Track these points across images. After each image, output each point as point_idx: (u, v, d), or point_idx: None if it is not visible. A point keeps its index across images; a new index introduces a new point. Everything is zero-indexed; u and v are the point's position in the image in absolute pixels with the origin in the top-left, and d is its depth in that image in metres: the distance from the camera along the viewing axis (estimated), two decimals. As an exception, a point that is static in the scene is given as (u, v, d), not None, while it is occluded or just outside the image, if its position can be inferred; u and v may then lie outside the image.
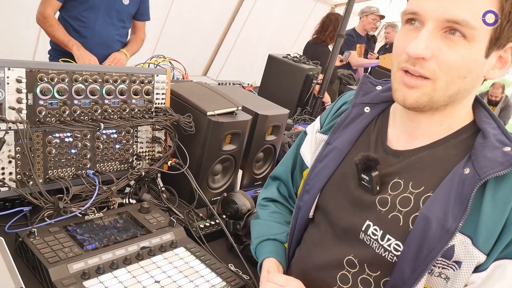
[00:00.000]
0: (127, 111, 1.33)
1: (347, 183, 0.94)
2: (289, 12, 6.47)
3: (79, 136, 1.23)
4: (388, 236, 0.85)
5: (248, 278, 1.14)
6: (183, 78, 2.20)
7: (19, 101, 1.08)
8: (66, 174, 1.22)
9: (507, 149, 0.78)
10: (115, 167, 1.35)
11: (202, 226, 1.31)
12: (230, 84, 3.01)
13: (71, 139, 1.22)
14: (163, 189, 1.45)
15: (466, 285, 0.78)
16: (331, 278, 0.93)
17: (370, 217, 0.88)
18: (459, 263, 0.78)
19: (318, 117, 1.14)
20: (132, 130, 1.37)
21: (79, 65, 1.65)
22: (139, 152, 1.40)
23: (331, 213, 0.96)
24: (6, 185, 1.08)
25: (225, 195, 1.40)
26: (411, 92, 0.80)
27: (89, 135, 1.26)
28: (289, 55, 2.99)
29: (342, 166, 0.97)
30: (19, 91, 1.08)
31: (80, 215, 1.15)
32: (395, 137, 0.93)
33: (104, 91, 1.26)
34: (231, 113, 1.49)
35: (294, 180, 1.16)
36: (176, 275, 1.03)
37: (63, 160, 1.21)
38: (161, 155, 1.45)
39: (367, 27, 4.99)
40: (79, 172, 1.25)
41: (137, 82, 1.34)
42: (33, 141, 1.13)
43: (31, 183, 1.12)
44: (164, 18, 4.95)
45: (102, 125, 1.22)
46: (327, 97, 3.39)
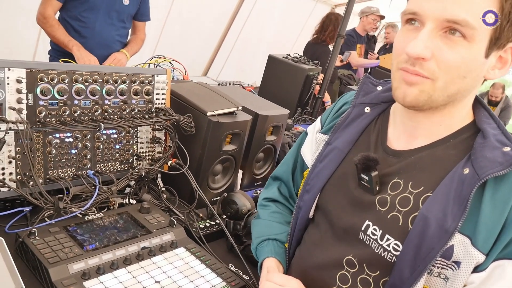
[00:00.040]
0: (127, 111, 1.33)
1: (347, 183, 0.94)
2: (289, 12, 6.47)
3: (79, 136, 1.23)
4: (387, 236, 0.85)
5: (248, 278, 1.14)
6: (183, 79, 2.20)
7: (19, 101, 1.08)
8: (66, 174, 1.22)
9: (507, 149, 0.78)
10: (115, 167, 1.35)
11: (202, 226, 1.31)
12: (230, 84, 3.01)
13: (71, 140, 1.22)
14: (163, 189, 1.45)
15: (465, 285, 0.78)
16: (330, 278, 0.93)
17: (369, 217, 0.88)
18: (458, 263, 0.78)
19: (319, 117, 1.14)
20: (132, 130, 1.37)
21: (79, 65, 1.65)
22: (139, 152, 1.40)
23: (331, 213, 0.96)
24: (6, 185, 1.08)
25: (225, 195, 1.40)
26: (410, 90, 0.80)
27: (89, 136, 1.26)
28: (289, 55, 2.99)
29: (342, 166, 0.97)
30: (19, 91, 1.08)
31: (80, 216, 1.15)
32: (395, 137, 0.93)
33: (104, 92, 1.26)
34: (231, 113, 1.49)
35: (295, 180, 1.17)
36: (176, 275, 1.03)
37: (63, 161, 1.21)
38: (161, 155, 1.45)
39: (367, 27, 4.99)
40: (79, 172, 1.25)
41: (137, 82, 1.34)
42: (33, 141, 1.13)
43: (31, 183, 1.12)
44: (164, 18, 4.95)
45: (102, 125, 1.22)
46: (327, 96, 3.39)
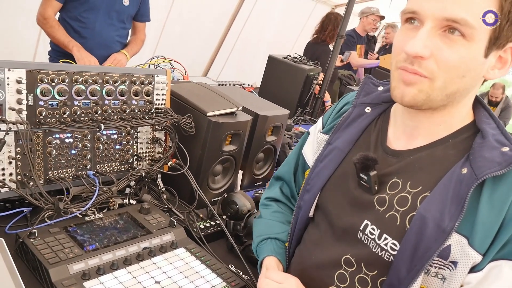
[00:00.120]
0: (127, 111, 1.33)
1: (347, 183, 0.95)
2: (289, 12, 6.48)
3: (79, 136, 1.23)
4: (385, 236, 0.85)
5: (249, 278, 1.14)
6: (183, 79, 2.20)
7: (19, 102, 1.08)
8: (66, 174, 1.22)
9: (506, 149, 0.77)
10: (115, 167, 1.35)
11: (202, 226, 1.31)
12: (230, 84, 3.01)
13: (71, 140, 1.22)
14: (163, 189, 1.45)
15: (462, 286, 0.78)
16: (329, 277, 0.93)
17: (368, 217, 0.89)
18: (455, 263, 0.78)
19: (321, 117, 1.14)
20: (132, 130, 1.37)
21: (79, 66, 1.65)
22: (139, 153, 1.40)
23: (330, 213, 0.96)
24: (6, 186, 1.08)
25: (226, 195, 1.40)
26: (409, 90, 0.80)
27: (89, 136, 1.26)
28: (289, 55, 2.99)
29: (342, 166, 0.97)
30: (19, 92, 1.08)
31: (81, 216, 1.15)
32: (395, 137, 0.93)
33: (104, 92, 1.26)
34: (231, 113, 1.49)
35: (297, 180, 1.17)
36: (176, 276, 1.03)
37: (63, 161, 1.21)
38: (161, 155, 1.45)
39: (367, 27, 4.99)
40: (80, 172, 1.25)
41: (137, 82, 1.34)
42: (33, 142, 1.13)
43: (31, 184, 1.12)
44: (165, 19, 4.95)
45: (102, 125, 1.22)
46: (327, 96, 3.39)
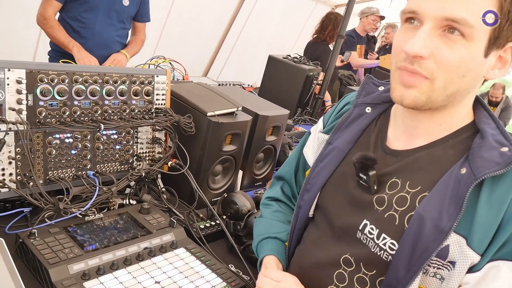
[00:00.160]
0: (127, 111, 1.33)
1: (346, 183, 0.95)
2: (289, 13, 6.48)
3: (79, 137, 1.23)
4: (383, 235, 0.85)
5: (249, 278, 1.14)
6: (183, 79, 2.20)
7: (19, 102, 1.08)
8: (66, 175, 1.22)
9: (505, 149, 0.77)
10: (115, 168, 1.35)
11: (202, 226, 1.31)
12: (230, 85, 3.01)
13: (71, 140, 1.22)
14: (163, 189, 1.45)
15: (460, 286, 0.78)
16: (327, 277, 0.93)
17: (367, 216, 0.89)
18: (453, 263, 0.78)
19: (322, 117, 1.14)
20: (132, 130, 1.37)
21: (79, 66, 1.65)
22: (139, 153, 1.40)
23: (330, 212, 0.96)
24: (6, 186, 1.08)
25: (226, 195, 1.40)
26: (409, 92, 0.80)
27: (89, 136, 1.26)
28: (289, 55, 2.99)
29: (342, 165, 0.97)
30: (19, 92, 1.08)
31: (81, 216, 1.15)
32: (395, 137, 0.93)
33: (104, 92, 1.26)
34: (231, 113, 1.49)
35: (298, 180, 1.17)
36: (176, 276, 1.03)
37: (63, 161, 1.21)
38: (161, 155, 1.45)
39: (367, 28, 4.99)
40: (79, 173, 1.25)
41: (137, 83, 1.34)
42: (33, 142, 1.13)
43: (31, 184, 1.12)
44: (165, 19, 4.95)
45: (102, 126, 1.22)
46: (327, 96, 3.39)
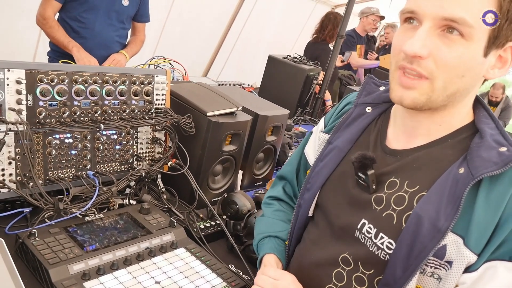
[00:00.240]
0: (127, 112, 1.33)
1: (346, 182, 0.95)
2: (289, 13, 6.48)
3: (79, 137, 1.23)
4: (381, 234, 0.85)
5: (249, 278, 1.14)
6: (183, 79, 2.20)
7: (19, 102, 1.08)
8: (66, 175, 1.22)
9: (503, 149, 0.77)
10: (115, 168, 1.35)
11: (202, 226, 1.31)
12: (230, 85, 3.01)
13: (71, 140, 1.22)
14: (163, 189, 1.45)
15: (457, 286, 0.78)
16: (326, 276, 0.93)
17: (365, 216, 0.89)
18: (450, 263, 0.78)
19: (323, 117, 1.14)
20: (132, 131, 1.37)
21: (79, 66, 1.65)
22: (139, 153, 1.40)
23: (329, 212, 0.96)
24: (6, 186, 1.08)
25: (226, 195, 1.40)
26: (408, 93, 0.80)
27: (89, 136, 1.26)
28: (289, 55, 2.99)
29: (342, 165, 0.97)
30: (19, 92, 1.08)
31: (81, 216, 1.15)
32: (394, 137, 0.93)
33: (104, 92, 1.26)
34: (231, 113, 1.49)
35: (299, 179, 1.17)
36: (176, 276, 1.03)
37: (63, 161, 1.21)
38: (161, 155, 1.45)
39: (367, 27, 4.99)
40: (79, 173, 1.25)
41: (137, 83, 1.34)
42: (33, 142, 1.13)
43: (31, 184, 1.12)
44: (164, 19, 4.95)
45: (102, 126, 1.22)
46: (328, 95, 3.39)
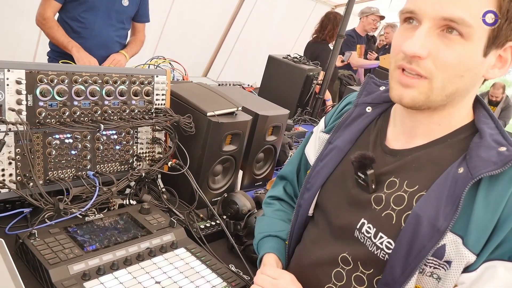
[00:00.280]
0: (127, 112, 1.33)
1: (345, 182, 0.95)
2: (289, 13, 6.48)
3: (79, 137, 1.23)
4: (380, 234, 0.85)
5: (249, 278, 1.14)
6: (183, 79, 2.20)
7: (19, 102, 1.08)
8: (66, 175, 1.22)
9: (502, 149, 0.77)
10: (115, 168, 1.35)
11: (202, 226, 1.31)
12: (230, 85, 3.01)
13: (71, 140, 1.22)
14: (163, 190, 1.45)
15: (456, 285, 0.78)
16: (325, 275, 0.93)
17: (365, 215, 0.89)
18: (449, 263, 0.78)
19: (323, 117, 1.14)
20: (132, 131, 1.37)
21: (78, 66, 1.65)
22: (139, 153, 1.40)
23: (329, 211, 0.96)
24: (6, 186, 1.08)
25: (226, 195, 1.40)
26: (407, 91, 0.80)
27: (89, 136, 1.26)
28: (289, 55, 2.99)
29: (342, 164, 0.97)
30: (19, 92, 1.08)
31: (81, 216, 1.15)
32: (394, 136, 0.93)
33: (104, 92, 1.26)
34: (231, 113, 1.49)
35: (299, 179, 1.17)
36: (176, 276, 1.03)
37: (63, 161, 1.21)
38: (161, 156, 1.45)
39: (367, 27, 4.99)
40: (79, 173, 1.25)
41: (137, 83, 1.34)
42: (33, 142, 1.13)
43: (31, 184, 1.12)
44: (164, 19, 4.96)
45: (102, 126, 1.22)
46: (328, 95, 3.38)
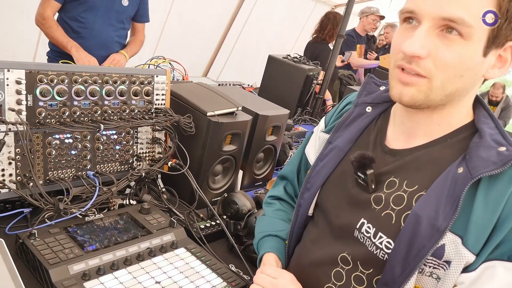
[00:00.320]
0: (127, 112, 1.33)
1: (345, 182, 0.95)
2: (289, 13, 6.48)
3: (79, 137, 1.23)
4: (380, 234, 0.85)
5: (249, 278, 1.14)
6: (183, 79, 2.20)
7: (18, 102, 1.08)
8: (66, 175, 1.22)
9: (502, 149, 0.77)
10: (115, 168, 1.35)
11: (202, 226, 1.31)
12: (230, 85, 3.01)
13: (71, 140, 1.22)
14: (163, 189, 1.45)
15: (455, 285, 0.78)
16: (325, 275, 0.93)
17: (364, 215, 0.89)
18: (449, 263, 0.78)
19: (324, 117, 1.14)
20: (132, 131, 1.37)
21: (78, 66, 1.65)
22: (139, 153, 1.40)
23: (329, 211, 0.96)
24: (6, 186, 1.08)
25: (226, 195, 1.40)
26: (407, 89, 0.80)
27: (89, 136, 1.25)
28: (289, 55, 2.99)
29: (342, 164, 0.97)
30: (18, 92, 1.08)
31: (81, 216, 1.15)
32: (394, 136, 0.93)
33: (104, 92, 1.26)
34: (231, 113, 1.49)
35: (300, 179, 1.17)
36: (176, 276, 1.03)
37: (63, 161, 1.21)
38: (161, 155, 1.45)
39: (367, 27, 4.99)
40: (79, 173, 1.25)
41: (137, 83, 1.34)
42: (33, 142, 1.13)
43: (31, 184, 1.12)
44: (164, 19, 4.96)
45: (102, 126, 1.22)
46: (328, 95, 3.39)
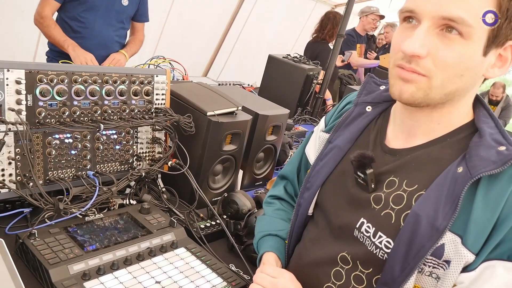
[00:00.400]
0: (127, 111, 1.32)
1: (345, 181, 0.95)
2: (289, 12, 6.48)
3: (79, 137, 1.23)
4: (379, 233, 0.85)
5: (249, 278, 1.14)
6: (183, 79, 2.20)
7: (18, 102, 1.08)
8: (66, 175, 1.22)
9: (502, 148, 0.77)
10: (115, 168, 1.34)
11: (202, 226, 1.31)
12: (230, 84, 3.01)
13: (71, 140, 1.22)
14: (163, 189, 1.45)
15: (455, 285, 0.78)
16: (325, 275, 0.93)
17: (364, 215, 0.89)
18: (448, 262, 0.78)
19: (324, 116, 1.14)
20: (132, 130, 1.37)
21: (78, 66, 1.65)
22: (139, 153, 1.40)
23: (328, 211, 0.96)
24: (6, 186, 1.08)
25: (226, 195, 1.40)
26: (407, 87, 0.80)
27: (89, 136, 1.25)
28: (289, 55, 2.99)
29: (342, 164, 0.97)
30: (18, 92, 1.08)
31: (81, 216, 1.15)
32: (394, 136, 0.93)
33: (103, 92, 1.26)
34: (231, 113, 1.49)
35: (300, 179, 1.17)
36: (176, 276, 1.03)
37: (63, 161, 1.21)
38: (161, 155, 1.45)
39: (367, 27, 4.99)
40: (79, 173, 1.25)
41: (137, 82, 1.34)
42: (33, 142, 1.13)
43: (31, 184, 1.12)
44: (164, 19, 4.96)
45: (102, 126, 1.22)
46: (328, 94, 3.39)
